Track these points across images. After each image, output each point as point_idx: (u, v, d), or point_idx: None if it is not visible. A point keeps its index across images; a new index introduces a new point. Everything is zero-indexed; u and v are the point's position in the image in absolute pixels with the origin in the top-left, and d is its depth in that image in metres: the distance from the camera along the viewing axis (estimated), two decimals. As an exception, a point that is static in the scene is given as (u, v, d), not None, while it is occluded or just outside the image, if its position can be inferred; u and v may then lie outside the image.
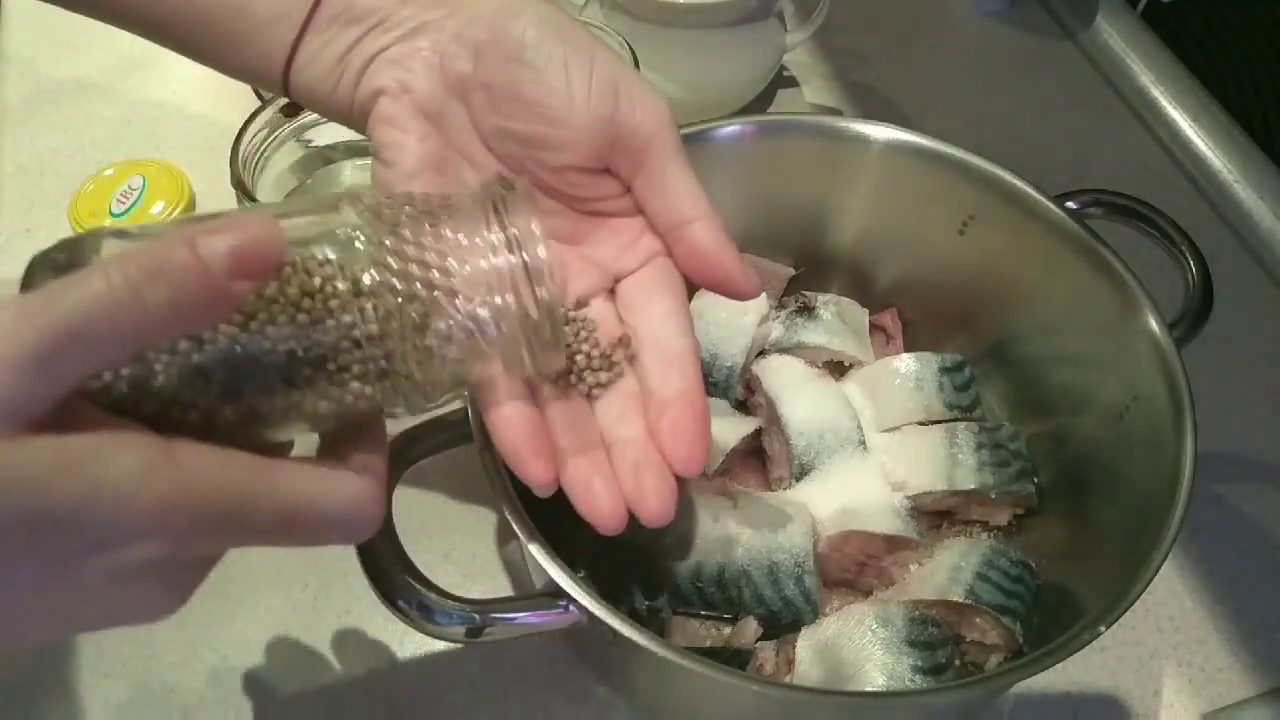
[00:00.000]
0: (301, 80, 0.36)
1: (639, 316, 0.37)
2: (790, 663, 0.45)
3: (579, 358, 0.35)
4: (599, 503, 0.33)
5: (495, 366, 0.32)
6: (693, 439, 0.34)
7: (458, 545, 0.54)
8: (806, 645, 0.45)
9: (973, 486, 0.49)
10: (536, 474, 0.33)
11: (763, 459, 0.54)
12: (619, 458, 0.34)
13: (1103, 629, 0.37)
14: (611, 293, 0.38)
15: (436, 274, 0.29)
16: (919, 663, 0.43)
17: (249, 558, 0.52)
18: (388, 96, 0.35)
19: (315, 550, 0.53)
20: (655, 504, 0.33)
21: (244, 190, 0.47)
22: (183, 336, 0.26)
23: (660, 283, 0.37)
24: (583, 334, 0.36)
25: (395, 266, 0.29)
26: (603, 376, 0.35)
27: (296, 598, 0.52)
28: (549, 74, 0.34)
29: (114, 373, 0.26)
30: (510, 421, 0.33)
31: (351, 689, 0.50)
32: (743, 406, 0.55)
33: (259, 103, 0.56)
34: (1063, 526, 0.50)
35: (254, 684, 0.49)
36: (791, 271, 0.58)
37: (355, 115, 0.36)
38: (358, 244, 0.28)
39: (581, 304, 0.37)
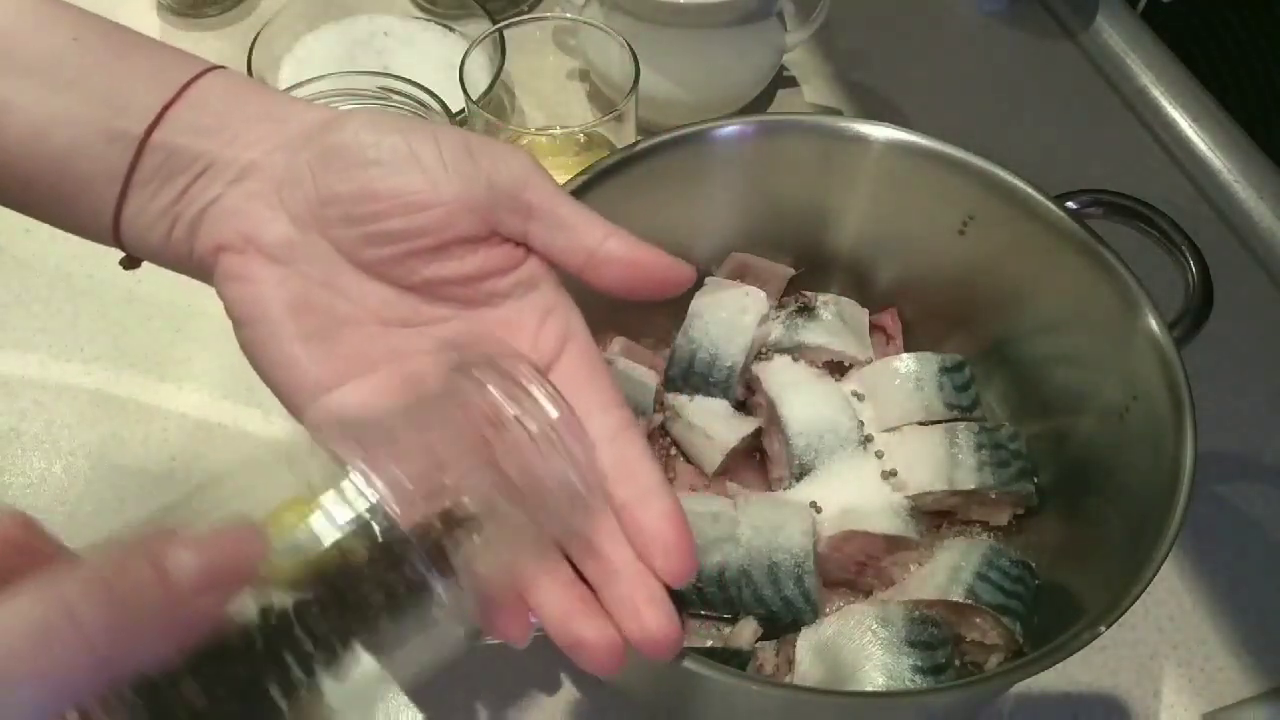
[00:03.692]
0: (132, 235, 0.34)
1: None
2: (790, 663, 0.45)
3: None
4: (592, 648, 0.30)
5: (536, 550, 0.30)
6: (685, 552, 0.31)
7: (458, 545, 0.54)
8: (806, 645, 0.45)
9: (973, 486, 0.49)
10: (512, 632, 0.31)
11: (763, 459, 0.54)
12: (606, 593, 0.31)
13: (1103, 629, 0.37)
14: None
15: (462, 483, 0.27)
16: (919, 663, 0.43)
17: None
18: (231, 252, 0.33)
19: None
20: (664, 637, 0.30)
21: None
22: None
23: (587, 372, 0.34)
24: None
25: (422, 507, 0.26)
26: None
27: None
28: (396, 163, 0.32)
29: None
30: None
31: (351, 689, 0.50)
32: (743, 406, 0.55)
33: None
34: (1063, 526, 0.50)
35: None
36: (791, 271, 0.58)
37: (195, 268, 0.34)
38: (359, 499, 0.26)
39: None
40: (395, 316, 0.34)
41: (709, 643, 0.48)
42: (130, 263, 0.37)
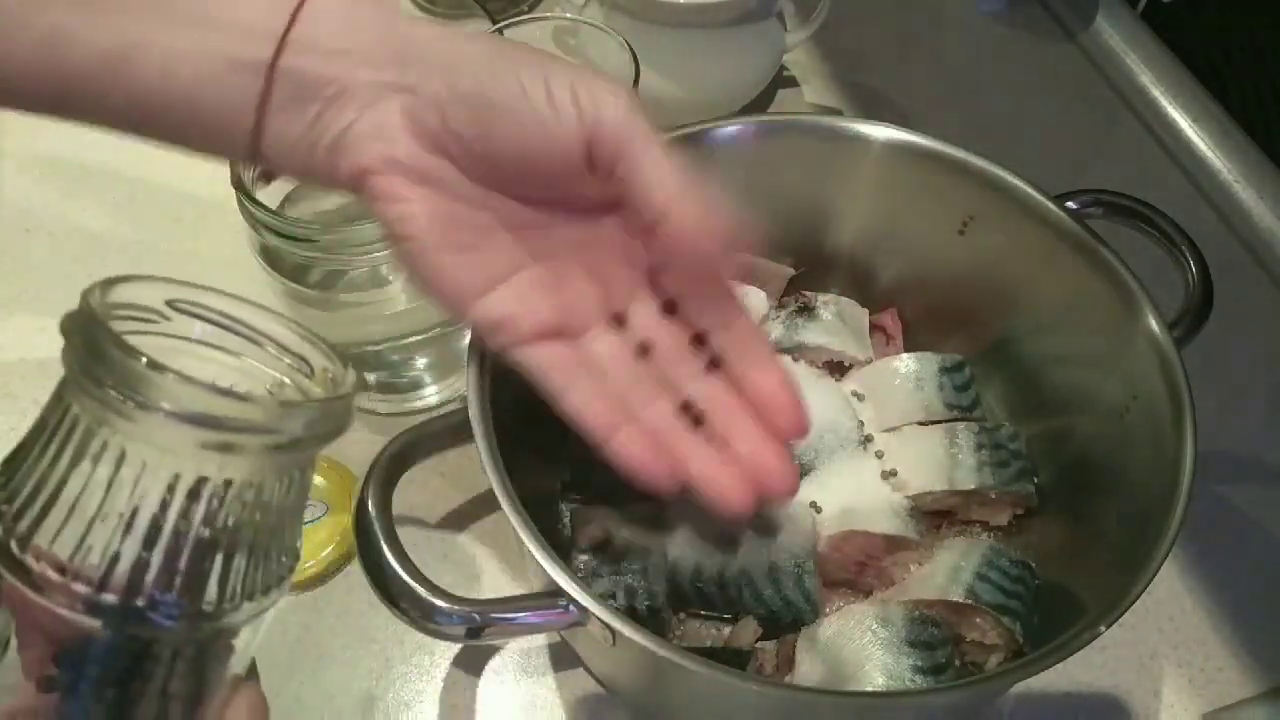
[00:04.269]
0: (273, 157, 0.36)
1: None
2: (790, 663, 0.45)
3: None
4: (731, 492, 0.37)
5: None
6: (800, 412, 0.38)
7: (458, 545, 0.54)
8: (806, 645, 0.45)
9: (973, 486, 0.49)
10: (668, 484, 0.37)
11: (763, 459, 0.54)
12: (736, 444, 0.38)
13: (1103, 629, 0.37)
14: (652, 284, 0.40)
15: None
16: (919, 663, 0.43)
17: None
18: (377, 175, 0.35)
19: (315, 550, 0.53)
20: (784, 478, 0.38)
21: (244, 191, 0.47)
22: None
23: None
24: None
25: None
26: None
27: (295, 598, 0.52)
28: (514, 109, 0.34)
29: None
30: (630, 441, 0.37)
31: (351, 689, 0.50)
32: (743, 406, 0.55)
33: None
34: (1063, 526, 0.50)
35: (254, 684, 0.49)
36: (791, 271, 0.58)
37: (342, 186, 0.37)
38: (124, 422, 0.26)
39: (622, 319, 0.39)
40: (525, 223, 0.38)
41: (709, 643, 0.48)
42: (266, 178, 0.40)
